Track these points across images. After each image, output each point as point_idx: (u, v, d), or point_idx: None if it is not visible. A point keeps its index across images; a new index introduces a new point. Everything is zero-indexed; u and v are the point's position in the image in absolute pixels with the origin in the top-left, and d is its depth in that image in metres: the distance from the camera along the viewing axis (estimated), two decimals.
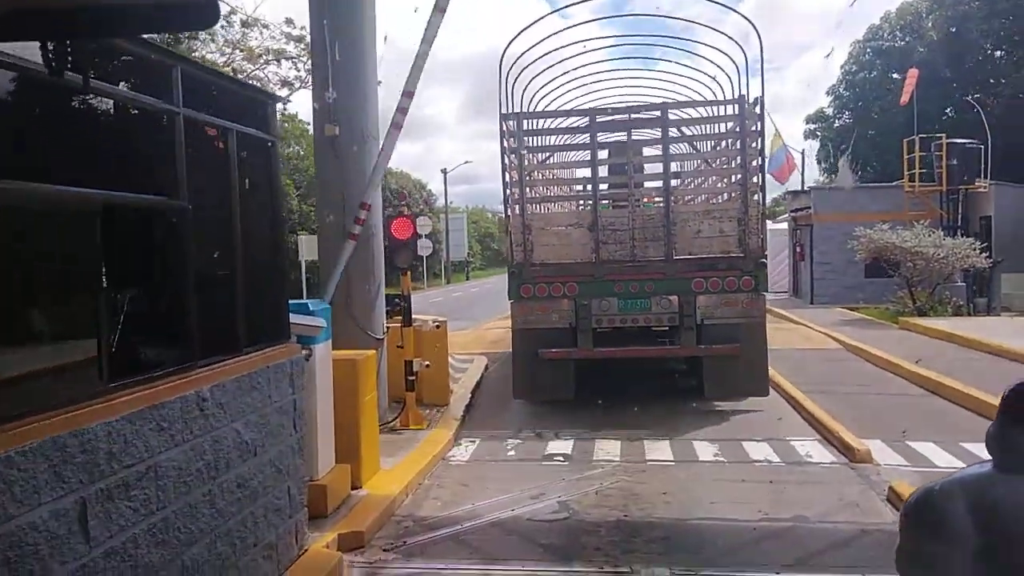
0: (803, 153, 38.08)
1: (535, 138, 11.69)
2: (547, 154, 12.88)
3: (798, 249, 26.64)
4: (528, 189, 10.97)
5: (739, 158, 10.65)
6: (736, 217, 10.32)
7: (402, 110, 8.40)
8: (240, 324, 4.59)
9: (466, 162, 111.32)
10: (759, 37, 10.56)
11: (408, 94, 8.43)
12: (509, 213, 10.72)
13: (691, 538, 5.86)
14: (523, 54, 11.31)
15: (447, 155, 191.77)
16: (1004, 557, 1.95)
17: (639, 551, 5.56)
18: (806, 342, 16.02)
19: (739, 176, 10.70)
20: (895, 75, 35.56)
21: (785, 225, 29.40)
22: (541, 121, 12.20)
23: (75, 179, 3.31)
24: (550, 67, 12.20)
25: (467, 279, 56.52)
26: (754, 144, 10.47)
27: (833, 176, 39.03)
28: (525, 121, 11.15)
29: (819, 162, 43.37)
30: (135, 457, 3.60)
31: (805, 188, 30.32)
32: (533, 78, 12.09)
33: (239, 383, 4.48)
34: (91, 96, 3.52)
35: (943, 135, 22.92)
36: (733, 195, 11.00)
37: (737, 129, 10.87)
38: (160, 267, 4.10)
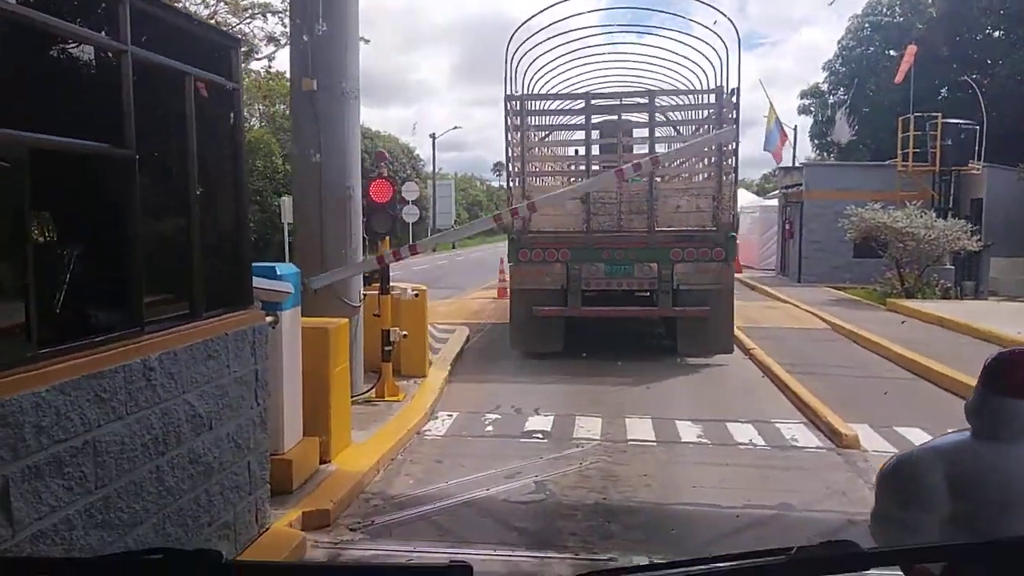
0: (795, 129, 37.68)
1: (535, 118, 13.02)
2: (546, 132, 14.51)
3: (787, 226, 26.39)
4: (528, 164, 12.15)
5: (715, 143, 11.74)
6: (711, 195, 11.64)
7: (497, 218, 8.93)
8: (195, 287, 4.24)
9: (455, 127, 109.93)
10: (736, 32, 11.84)
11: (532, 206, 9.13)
12: (511, 185, 12.08)
13: (672, 525, 5.61)
14: (526, 40, 12.48)
15: (437, 120, 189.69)
16: (980, 523, 1.97)
17: (617, 537, 5.31)
18: (793, 321, 15.82)
19: (715, 158, 11.88)
20: (892, 52, 35.09)
21: (775, 202, 29.12)
22: (540, 102, 13.60)
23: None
24: (550, 50, 13.41)
25: (453, 247, 55.95)
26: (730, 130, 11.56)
27: (827, 140, 38.49)
28: (527, 103, 12.41)
29: (812, 139, 42.87)
30: (69, 431, 3.27)
31: (797, 164, 29.97)
32: (533, 61, 13.34)
33: (192, 351, 4.14)
34: (22, 26, 3.12)
35: (938, 114, 22.61)
36: (709, 175, 12.26)
37: (715, 116, 12.19)
38: (102, 221, 3.73)
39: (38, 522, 3.11)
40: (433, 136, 53.27)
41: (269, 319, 5.27)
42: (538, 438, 7.71)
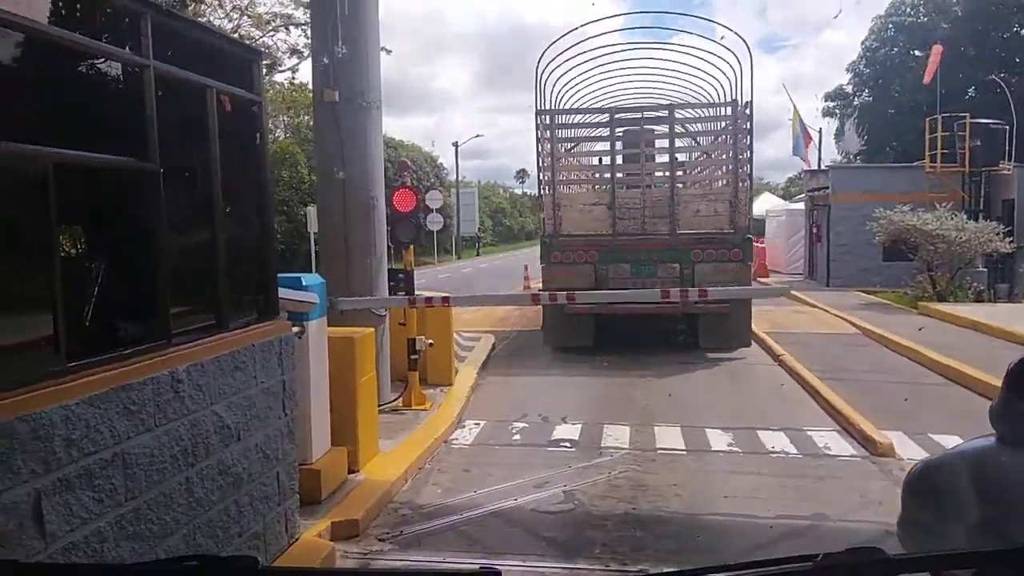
0: (820, 131, 37.21)
1: (563, 131, 13.76)
2: (574, 144, 14.99)
3: (815, 230, 26.07)
4: (557, 173, 12.98)
5: (731, 151, 12.88)
6: (728, 200, 12.45)
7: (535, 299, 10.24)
8: (221, 299, 4.24)
9: (477, 135, 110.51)
10: (748, 49, 12.77)
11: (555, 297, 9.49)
12: (542, 193, 13.00)
13: (704, 535, 5.51)
14: (555, 58, 13.28)
15: (460, 129, 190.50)
16: (1008, 528, 1.94)
17: (648, 548, 5.23)
18: (823, 326, 15.60)
19: (732, 166, 12.80)
20: (917, 52, 34.62)
21: (802, 205, 28.81)
22: (568, 116, 14.52)
23: (25, 135, 2.95)
24: (576, 66, 14.13)
25: (478, 255, 56.04)
26: (745, 140, 12.48)
27: (844, 152, 38.19)
28: (556, 117, 13.22)
29: (836, 140, 42.34)
30: (99, 444, 3.27)
31: (823, 167, 29.63)
32: (560, 76, 14.03)
33: (220, 363, 4.14)
34: (47, 44, 3.14)
35: (966, 115, 22.24)
36: (727, 182, 13.04)
37: (731, 127, 13.15)
38: (128, 235, 3.75)
39: (70, 534, 3.11)
40: (456, 144, 53.38)
41: (295, 329, 5.28)
42: (566, 447, 7.65)
